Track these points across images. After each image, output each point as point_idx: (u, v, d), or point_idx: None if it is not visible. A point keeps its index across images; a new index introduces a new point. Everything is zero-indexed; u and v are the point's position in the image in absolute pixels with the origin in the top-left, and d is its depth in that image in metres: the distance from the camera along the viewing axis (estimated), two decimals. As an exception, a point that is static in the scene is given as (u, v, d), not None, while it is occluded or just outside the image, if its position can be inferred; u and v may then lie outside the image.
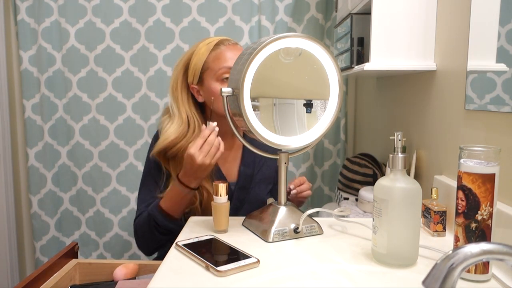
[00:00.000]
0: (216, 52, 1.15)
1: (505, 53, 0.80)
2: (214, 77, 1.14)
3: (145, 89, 1.86)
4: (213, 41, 1.17)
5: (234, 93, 0.88)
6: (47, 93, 1.84)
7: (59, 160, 1.89)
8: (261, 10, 1.82)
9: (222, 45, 1.16)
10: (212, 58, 1.15)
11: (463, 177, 0.69)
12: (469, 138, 0.94)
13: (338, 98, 0.93)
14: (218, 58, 1.14)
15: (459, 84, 0.98)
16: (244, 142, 0.94)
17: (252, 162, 1.25)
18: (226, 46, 1.16)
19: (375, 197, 0.77)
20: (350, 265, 0.77)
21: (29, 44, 1.82)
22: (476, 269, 0.69)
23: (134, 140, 1.88)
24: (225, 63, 1.13)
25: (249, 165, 1.24)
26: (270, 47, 0.86)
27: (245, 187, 1.24)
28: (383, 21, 1.12)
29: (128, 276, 1.21)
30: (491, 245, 0.46)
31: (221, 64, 1.13)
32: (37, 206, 1.88)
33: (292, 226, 0.91)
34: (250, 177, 1.25)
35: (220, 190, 0.93)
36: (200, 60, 1.15)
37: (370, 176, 1.43)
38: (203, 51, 1.16)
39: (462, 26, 0.98)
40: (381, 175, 1.43)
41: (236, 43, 1.20)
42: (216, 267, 0.73)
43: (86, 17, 1.82)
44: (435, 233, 0.93)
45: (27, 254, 2.00)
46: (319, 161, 1.96)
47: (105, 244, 1.92)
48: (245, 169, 1.24)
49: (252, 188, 1.25)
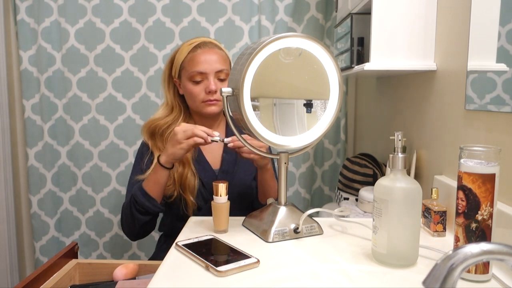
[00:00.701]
0: (192, 55, 1.25)
1: (505, 53, 0.80)
2: (188, 77, 1.25)
3: (145, 89, 1.86)
4: (194, 42, 1.27)
5: (234, 93, 0.88)
6: (47, 93, 1.84)
7: (59, 160, 1.89)
8: (261, 10, 1.82)
9: (199, 48, 1.25)
10: (188, 59, 1.25)
11: (463, 177, 0.69)
12: (469, 138, 0.94)
13: (338, 98, 0.93)
14: (192, 61, 1.24)
15: (459, 84, 0.98)
16: (240, 137, 0.94)
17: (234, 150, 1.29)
18: (202, 49, 1.24)
19: (375, 197, 0.77)
20: (350, 265, 0.77)
21: (29, 44, 1.82)
22: (476, 269, 0.69)
23: (134, 140, 1.88)
24: (196, 67, 1.23)
25: (232, 152, 1.27)
26: (270, 47, 0.86)
27: (228, 171, 1.29)
28: (383, 21, 1.12)
29: (128, 276, 1.21)
30: (491, 245, 0.46)
31: (193, 67, 1.23)
32: (37, 206, 1.88)
33: (292, 226, 0.91)
34: (233, 162, 1.31)
35: (220, 190, 0.93)
36: (180, 59, 1.27)
37: (370, 176, 1.43)
38: (184, 51, 1.26)
39: (462, 26, 0.98)
40: (381, 175, 1.43)
41: (215, 46, 1.27)
42: (216, 267, 0.73)
43: (86, 17, 1.82)
44: (435, 233, 0.93)
45: (27, 254, 2.00)
46: (319, 161, 1.95)
47: (105, 244, 1.92)
48: (227, 156, 1.31)
49: (236, 173, 1.30)
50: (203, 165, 1.28)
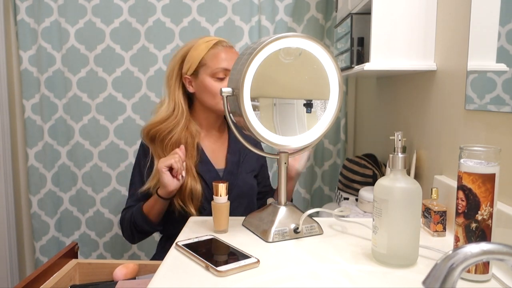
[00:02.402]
0: (214, 51, 1.23)
1: (505, 53, 0.80)
2: (210, 74, 1.22)
3: (145, 89, 1.86)
4: (212, 40, 1.26)
5: (234, 93, 0.88)
6: (47, 93, 1.84)
7: (59, 160, 1.89)
8: (261, 10, 1.82)
9: (220, 45, 1.24)
10: (210, 56, 1.23)
11: (463, 177, 0.69)
12: (469, 138, 0.94)
13: (338, 98, 0.93)
14: (216, 58, 1.22)
15: (459, 84, 0.98)
16: (242, 139, 0.94)
17: (237, 150, 1.33)
18: (224, 47, 1.24)
19: (375, 197, 0.77)
20: (350, 265, 0.77)
21: (29, 44, 1.82)
22: (476, 269, 0.69)
23: (134, 140, 1.88)
24: (221, 63, 1.22)
25: (235, 153, 1.32)
26: (270, 47, 0.86)
27: (232, 172, 1.30)
28: (383, 21, 1.12)
29: (128, 276, 1.21)
30: (491, 245, 0.46)
31: (218, 64, 1.22)
32: (37, 206, 1.88)
33: (292, 226, 0.91)
34: (237, 163, 1.32)
35: (220, 190, 0.93)
36: (199, 55, 1.23)
37: (370, 177, 1.43)
38: (202, 47, 1.24)
39: (462, 26, 0.98)
40: (381, 175, 1.43)
41: (232, 46, 1.29)
42: (216, 267, 0.73)
43: (86, 17, 1.82)
44: (435, 233, 0.93)
45: (27, 254, 2.00)
46: (319, 161, 1.96)
47: (105, 244, 1.92)
48: (231, 156, 1.31)
49: (239, 174, 1.31)
50: (207, 166, 1.27)
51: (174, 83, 1.27)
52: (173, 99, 1.27)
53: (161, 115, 1.25)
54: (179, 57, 1.27)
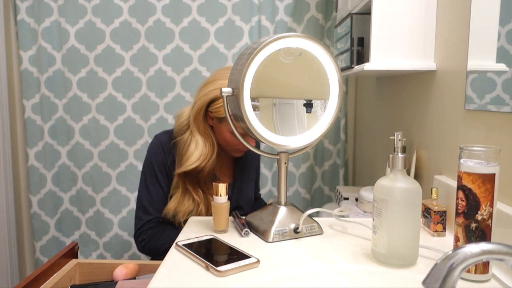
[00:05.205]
0: None
1: (505, 53, 0.80)
2: (228, 128, 1.18)
3: (145, 89, 1.86)
4: None
5: (234, 93, 0.88)
6: (47, 93, 1.84)
7: (59, 160, 1.89)
8: (261, 10, 1.82)
9: None
10: None
11: (463, 177, 0.69)
12: (469, 138, 0.94)
13: (338, 98, 0.93)
14: None
15: (459, 84, 0.98)
16: (247, 144, 0.94)
17: (246, 165, 1.34)
18: None
19: (375, 197, 0.77)
20: (350, 265, 0.77)
21: (29, 44, 1.82)
22: (476, 269, 0.69)
23: (134, 140, 1.88)
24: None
25: (243, 168, 1.33)
26: (270, 47, 0.86)
27: (241, 188, 1.31)
28: (383, 21, 1.12)
29: (128, 276, 1.21)
30: (491, 245, 0.46)
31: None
32: (37, 206, 1.88)
33: (292, 226, 0.91)
34: (244, 180, 1.33)
35: (220, 190, 0.93)
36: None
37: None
38: None
39: (462, 26, 0.98)
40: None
41: None
42: (216, 267, 0.73)
43: (86, 17, 1.82)
44: (435, 233, 0.93)
45: (27, 254, 2.00)
46: (319, 161, 1.96)
47: (105, 244, 1.92)
48: (239, 172, 1.33)
49: (244, 189, 1.32)
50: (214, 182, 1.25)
51: (202, 121, 1.21)
52: (202, 134, 1.21)
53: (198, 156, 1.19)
54: (209, 98, 1.18)
